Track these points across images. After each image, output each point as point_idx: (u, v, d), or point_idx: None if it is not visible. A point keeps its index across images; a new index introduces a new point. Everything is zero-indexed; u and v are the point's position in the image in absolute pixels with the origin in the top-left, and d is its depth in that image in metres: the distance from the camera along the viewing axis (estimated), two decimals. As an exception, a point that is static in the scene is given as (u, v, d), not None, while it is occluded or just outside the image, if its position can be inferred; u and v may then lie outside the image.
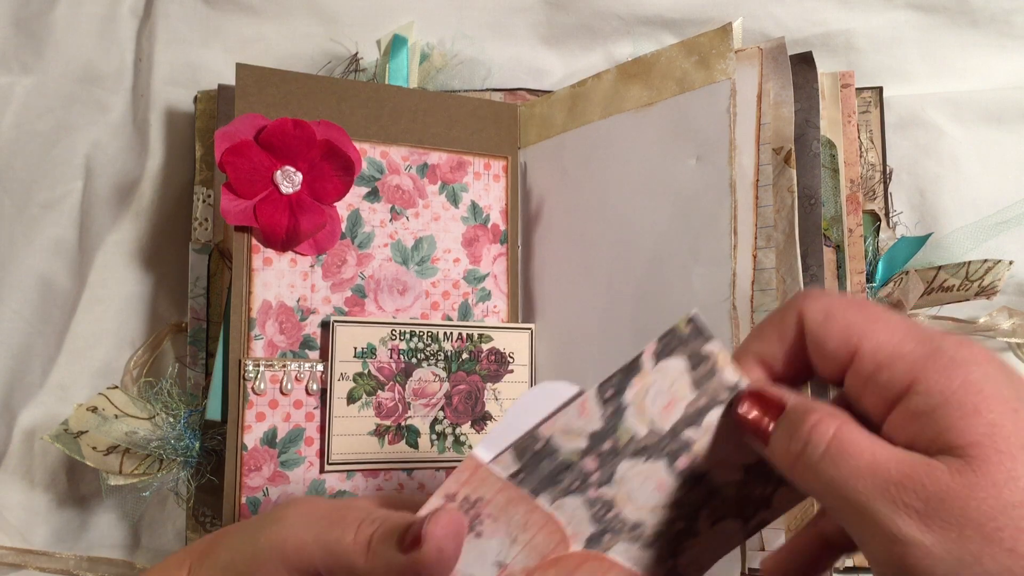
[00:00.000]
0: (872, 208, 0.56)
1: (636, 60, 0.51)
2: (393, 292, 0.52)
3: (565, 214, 0.54)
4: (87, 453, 0.49)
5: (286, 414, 0.49)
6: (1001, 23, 0.61)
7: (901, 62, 0.61)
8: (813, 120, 0.48)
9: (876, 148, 0.57)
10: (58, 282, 0.57)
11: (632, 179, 0.50)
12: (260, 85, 0.50)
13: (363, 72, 0.60)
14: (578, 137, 0.53)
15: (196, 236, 0.56)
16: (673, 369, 0.27)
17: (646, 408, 0.27)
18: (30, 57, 0.59)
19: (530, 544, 0.28)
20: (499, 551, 0.28)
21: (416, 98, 0.54)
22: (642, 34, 0.63)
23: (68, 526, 0.55)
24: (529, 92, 0.60)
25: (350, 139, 0.51)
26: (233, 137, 0.48)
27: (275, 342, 0.49)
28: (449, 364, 0.52)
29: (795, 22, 0.61)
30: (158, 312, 0.58)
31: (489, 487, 0.27)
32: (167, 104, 0.60)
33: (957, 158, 0.59)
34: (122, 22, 0.61)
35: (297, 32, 0.62)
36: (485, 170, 0.56)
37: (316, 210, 0.49)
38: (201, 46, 0.62)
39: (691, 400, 0.27)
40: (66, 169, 0.58)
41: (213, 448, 0.51)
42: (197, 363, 0.55)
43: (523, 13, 0.63)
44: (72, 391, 0.56)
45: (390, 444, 0.50)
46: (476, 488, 0.27)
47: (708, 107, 0.46)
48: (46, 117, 0.59)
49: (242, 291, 0.49)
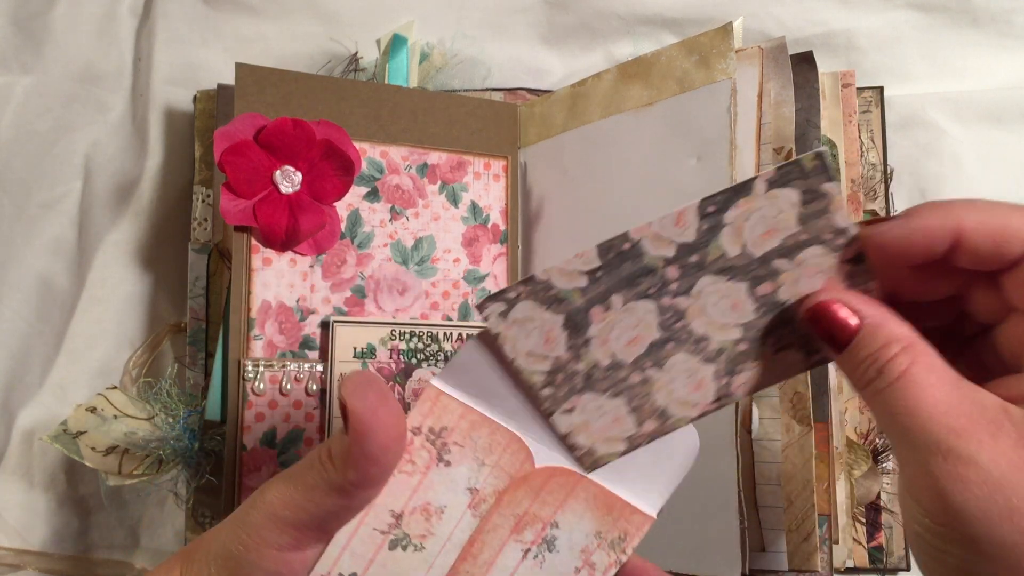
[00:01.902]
0: (873, 208, 0.56)
1: (636, 60, 0.51)
2: (393, 292, 0.52)
3: (565, 214, 0.54)
4: (86, 453, 0.49)
5: (285, 415, 0.49)
6: (1002, 23, 0.61)
7: (902, 62, 0.61)
8: (814, 120, 0.48)
9: (877, 148, 0.57)
10: (57, 282, 0.57)
11: (632, 179, 0.50)
12: (260, 85, 0.50)
13: (363, 72, 0.60)
14: (578, 137, 0.53)
15: (195, 236, 0.56)
16: (784, 199, 0.27)
17: (744, 231, 0.27)
18: (29, 57, 0.59)
19: (497, 465, 0.29)
20: (469, 476, 0.28)
21: (416, 98, 0.54)
22: (642, 34, 0.63)
23: (67, 526, 0.55)
24: (529, 92, 0.60)
25: (350, 139, 0.50)
26: (232, 137, 0.48)
27: (274, 342, 0.49)
28: (449, 364, 0.52)
29: (796, 22, 0.61)
30: (157, 312, 0.58)
31: (451, 414, 0.28)
32: (166, 104, 0.60)
33: (958, 158, 0.59)
34: (121, 22, 0.61)
35: (297, 32, 0.62)
36: (485, 170, 0.56)
37: (316, 210, 0.49)
38: (201, 46, 0.62)
39: (792, 233, 0.27)
40: (65, 169, 0.58)
41: (212, 449, 0.51)
42: (196, 363, 0.55)
43: (523, 13, 0.63)
44: (71, 391, 0.56)
45: (390, 444, 0.50)
46: (439, 418, 0.28)
47: (708, 107, 0.46)
48: (45, 117, 0.59)
49: (241, 291, 0.49)
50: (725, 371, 0.29)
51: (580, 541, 0.30)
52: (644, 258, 0.27)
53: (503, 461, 0.29)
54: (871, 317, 0.26)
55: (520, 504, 0.29)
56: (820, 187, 0.27)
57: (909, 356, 0.25)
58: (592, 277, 0.27)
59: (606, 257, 0.27)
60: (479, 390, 0.28)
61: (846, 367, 0.27)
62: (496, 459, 0.28)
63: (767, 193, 0.27)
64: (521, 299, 0.27)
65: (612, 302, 0.27)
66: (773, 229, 0.27)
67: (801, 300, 0.28)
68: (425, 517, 0.28)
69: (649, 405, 0.29)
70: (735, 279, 0.28)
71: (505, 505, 0.29)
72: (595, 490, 0.29)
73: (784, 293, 0.28)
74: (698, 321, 0.28)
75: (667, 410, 0.29)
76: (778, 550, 0.46)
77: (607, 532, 0.30)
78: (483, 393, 0.28)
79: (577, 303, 0.27)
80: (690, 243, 0.27)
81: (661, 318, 0.28)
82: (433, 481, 0.28)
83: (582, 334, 0.28)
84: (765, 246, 0.27)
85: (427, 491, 0.28)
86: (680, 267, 0.27)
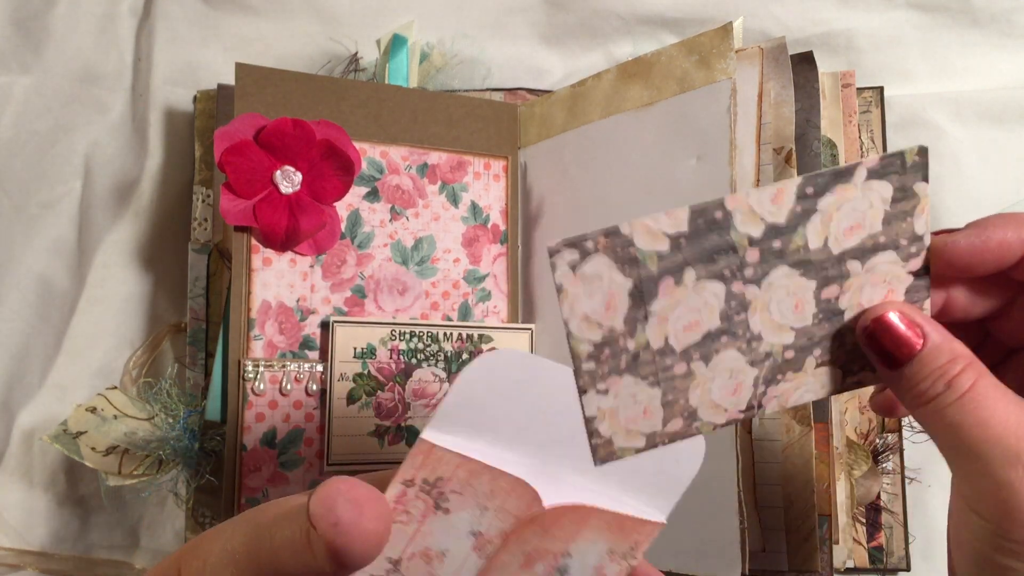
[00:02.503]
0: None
1: (636, 60, 0.51)
2: (393, 292, 0.52)
3: (565, 214, 0.54)
4: (86, 454, 0.49)
5: (285, 415, 0.49)
6: (1002, 23, 0.61)
7: (902, 62, 0.61)
8: (814, 120, 0.48)
9: (877, 148, 0.57)
10: (57, 282, 0.57)
11: (632, 179, 0.50)
12: (259, 85, 0.50)
13: (363, 72, 0.60)
14: (578, 137, 0.53)
15: (195, 236, 0.56)
16: (877, 193, 0.26)
17: (832, 221, 0.26)
18: (29, 57, 0.59)
19: (502, 509, 0.27)
20: (471, 521, 0.27)
21: (416, 98, 0.54)
22: (642, 34, 0.63)
23: (67, 527, 0.55)
24: (529, 92, 0.60)
25: (350, 139, 0.50)
26: (232, 137, 0.47)
27: (274, 342, 0.49)
28: (449, 364, 0.52)
29: (796, 21, 0.61)
30: (157, 312, 0.58)
31: (446, 465, 0.26)
32: (166, 104, 0.60)
33: (958, 158, 0.59)
34: (121, 21, 0.61)
35: (297, 32, 0.62)
36: (485, 170, 0.56)
37: (316, 210, 0.49)
38: (200, 46, 0.62)
39: (874, 233, 0.27)
40: (65, 169, 0.58)
41: (212, 449, 0.51)
42: (196, 363, 0.55)
43: (523, 13, 0.63)
44: (71, 391, 0.56)
45: (390, 445, 0.50)
46: (433, 469, 0.26)
47: (709, 107, 0.46)
48: (45, 117, 0.59)
49: (241, 291, 0.49)
50: (764, 378, 0.28)
51: (593, 561, 0.29)
52: (731, 232, 0.26)
53: (508, 504, 0.27)
54: (936, 332, 0.26)
55: (529, 542, 0.28)
56: (914, 185, 0.26)
57: (975, 372, 0.25)
58: (675, 243, 0.25)
59: (695, 223, 0.25)
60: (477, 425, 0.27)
61: (905, 384, 0.26)
62: (500, 503, 0.27)
63: (864, 183, 0.26)
64: (598, 251, 0.25)
65: (685, 276, 0.26)
66: (859, 224, 0.27)
67: (858, 314, 0.27)
68: (425, 561, 0.27)
69: (683, 402, 0.28)
70: (807, 275, 0.27)
71: (513, 544, 0.28)
72: (608, 517, 0.29)
73: (846, 301, 0.27)
74: (759, 316, 0.27)
75: (697, 411, 0.28)
76: (778, 550, 0.46)
77: (619, 547, 0.29)
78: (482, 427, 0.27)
79: (651, 270, 0.26)
80: (779, 225, 0.26)
81: (725, 305, 0.27)
82: (432, 528, 0.27)
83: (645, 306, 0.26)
84: (846, 243, 0.27)
85: (426, 538, 0.27)
86: (761, 251, 0.26)
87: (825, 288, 0.27)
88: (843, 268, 0.27)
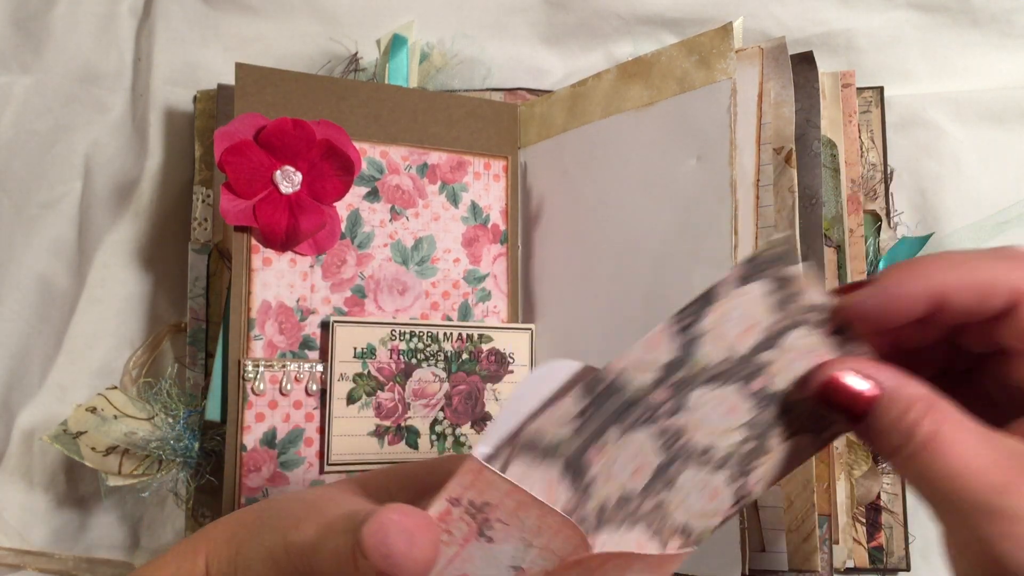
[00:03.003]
0: (873, 208, 0.56)
1: (636, 60, 0.51)
2: (393, 292, 0.52)
3: (565, 214, 0.54)
4: (86, 454, 0.49)
5: (285, 415, 0.49)
6: (1002, 23, 0.61)
7: (902, 62, 0.61)
8: (814, 120, 0.48)
9: (877, 148, 0.57)
10: (57, 282, 0.57)
11: (632, 179, 0.50)
12: (260, 85, 0.50)
13: (363, 72, 0.60)
14: (578, 137, 0.53)
15: (195, 236, 0.56)
16: (754, 293, 0.26)
17: (723, 334, 0.26)
18: (29, 57, 0.59)
19: (547, 548, 0.26)
20: (513, 555, 0.26)
21: (416, 98, 0.54)
22: (642, 34, 0.63)
23: (67, 527, 0.55)
24: (529, 92, 0.60)
25: (350, 139, 0.50)
26: (232, 137, 0.47)
27: (274, 342, 0.49)
28: (449, 364, 0.52)
29: (796, 21, 0.61)
30: (157, 312, 0.58)
31: (495, 491, 0.25)
32: (166, 104, 0.60)
33: (958, 158, 0.59)
34: (121, 21, 0.61)
35: (297, 32, 0.62)
36: (485, 170, 0.56)
37: (316, 210, 0.49)
38: (201, 46, 0.62)
39: (771, 323, 0.26)
40: (65, 169, 0.58)
41: (212, 449, 0.51)
42: (196, 363, 0.55)
43: (523, 13, 0.63)
44: (71, 391, 0.56)
45: (390, 445, 0.50)
46: (481, 492, 0.25)
47: (709, 107, 0.46)
48: (45, 117, 0.59)
49: (241, 291, 0.49)
50: (738, 473, 0.28)
51: None
52: (628, 390, 0.26)
53: (554, 544, 0.26)
54: (886, 381, 0.25)
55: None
56: (783, 273, 0.26)
57: (934, 416, 0.24)
58: (583, 419, 0.26)
59: (592, 394, 0.26)
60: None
61: (869, 437, 0.25)
62: (546, 542, 0.26)
63: (736, 291, 0.26)
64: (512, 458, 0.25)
65: (607, 437, 0.26)
66: (751, 325, 0.26)
67: (800, 384, 0.27)
68: None
69: (669, 525, 0.28)
70: (726, 384, 0.27)
71: None
72: (651, 560, 0.28)
73: (779, 382, 0.27)
74: (699, 434, 0.27)
75: (688, 525, 0.28)
76: (778, 550, 0.46)
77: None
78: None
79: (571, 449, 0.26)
80: (673, 360, 0.26)
81: (660, 442, 0.27)
82: (473, 554, 0.26)
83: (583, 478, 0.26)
84: (747, 343, 0.26)
85: (465, 563, 0.26)
86: (669, 387, 0.26)
87: (751, 383, 0.27)
88: (757, 361, 0.27)
